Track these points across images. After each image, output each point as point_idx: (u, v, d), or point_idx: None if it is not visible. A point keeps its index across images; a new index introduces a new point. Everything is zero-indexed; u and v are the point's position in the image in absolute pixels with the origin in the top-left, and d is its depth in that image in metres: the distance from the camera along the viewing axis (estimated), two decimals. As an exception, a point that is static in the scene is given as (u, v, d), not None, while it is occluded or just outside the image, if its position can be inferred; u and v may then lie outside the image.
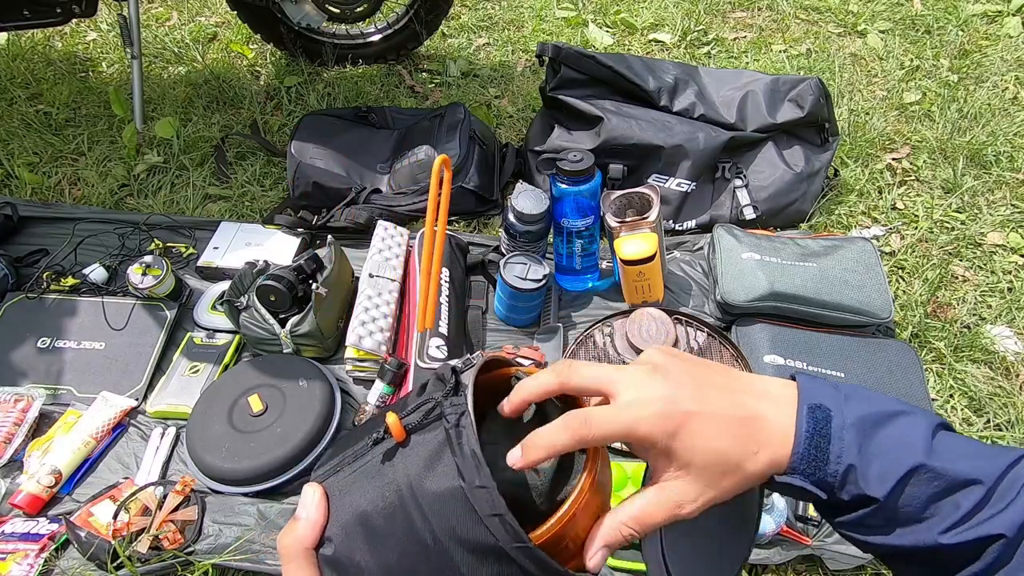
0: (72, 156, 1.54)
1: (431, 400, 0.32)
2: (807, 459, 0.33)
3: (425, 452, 0.31)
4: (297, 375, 1.05)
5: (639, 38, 1.99)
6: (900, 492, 0.32)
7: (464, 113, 1.45)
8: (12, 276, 1.21)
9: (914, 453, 0.33)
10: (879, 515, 0.33)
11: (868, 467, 0.33)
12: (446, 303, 1.15)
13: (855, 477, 0.33)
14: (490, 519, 0.29)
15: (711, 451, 0.33)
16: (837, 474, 0.33)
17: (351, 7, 1.65)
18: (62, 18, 1.48)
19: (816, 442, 0.33)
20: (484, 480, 0.29)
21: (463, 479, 0.30)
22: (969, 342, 1.21)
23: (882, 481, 0.32)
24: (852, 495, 0.33)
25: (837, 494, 0.33)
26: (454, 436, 0.30)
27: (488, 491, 0.29)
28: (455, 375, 0.33)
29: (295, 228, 1.32)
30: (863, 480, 0.32)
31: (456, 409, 0.31)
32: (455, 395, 0.32)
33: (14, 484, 0.97)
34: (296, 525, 0.33)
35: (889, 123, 1.68)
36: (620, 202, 1.14)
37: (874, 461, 0.33)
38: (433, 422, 0.32)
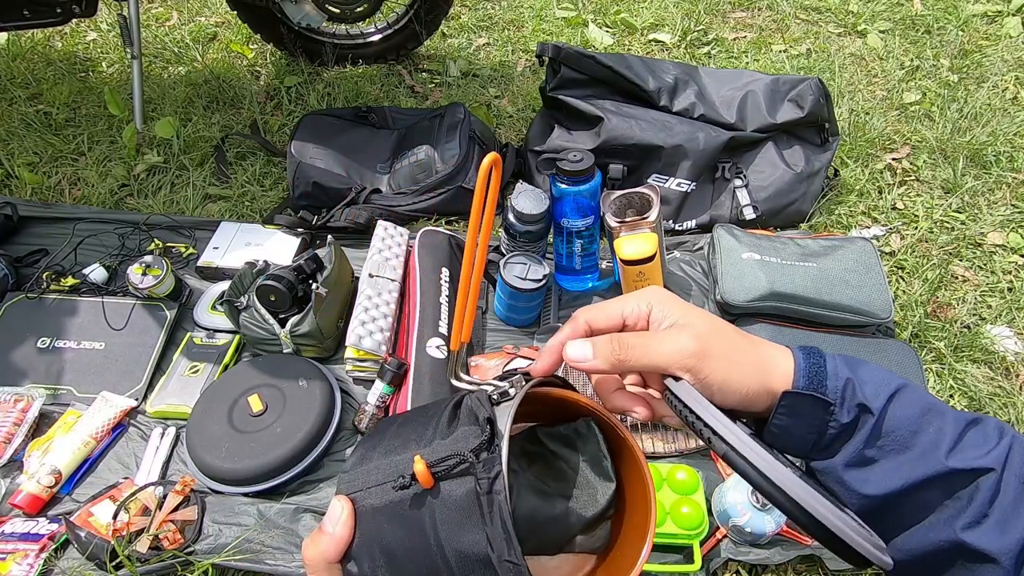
0: (72, 156, 1.54)
1: (462, 456, 0.31)
2: (809, 375, 0.36)
3: (455, 507, 0.30)
4: (297, 375, 1.05)
5: (639, 38, 1.99)
6: (890, 408, 0.35)
7: (464, 113, 1.45)
8: (12, 276, 1.21)
9: (896, 378, 0.37)
10: (874, 440, 0.35)
11: (863, 384, 0.36)
12: (446, 303, 1.15)
13: (853, 390, 0.35)
14: None
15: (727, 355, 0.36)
16: (837, 389, 0.35)
17: (351, 7, 1.65)
18: (62, 18, 1.48)
19: (814, 360, 0.36)
20: (514, 557, 0.29)
21: (492, 548, 0.29)
22: (969, 342, 1.21)
23: (876, 396, 0.35)
24: (852, 410, 0.35)
25: (838, 415, 0.35)
26: (485, 504, 0.29)
27: (517, 567, 0.29)
28: (490, 424, 0.31)
29: (295, 228, 1.32)
30: (860, 391, 0.35)
31: (488, 471, 0.30)
32: (489, 450, 0.31)
33: (14, 484, 0.97)
34: (323, 538, 0.32)
35: (889, 123, 1.68)
36: (620, 202, 1.14)
37: (866, 382, 0.36)
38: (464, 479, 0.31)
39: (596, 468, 0.38)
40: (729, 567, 0.94)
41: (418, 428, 0.35)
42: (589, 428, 0.38)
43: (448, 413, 0.34)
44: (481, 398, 0.33)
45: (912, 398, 0.36)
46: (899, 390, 0.36)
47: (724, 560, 0.93)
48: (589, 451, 0.38)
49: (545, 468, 0.38)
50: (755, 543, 0.94)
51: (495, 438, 0.31)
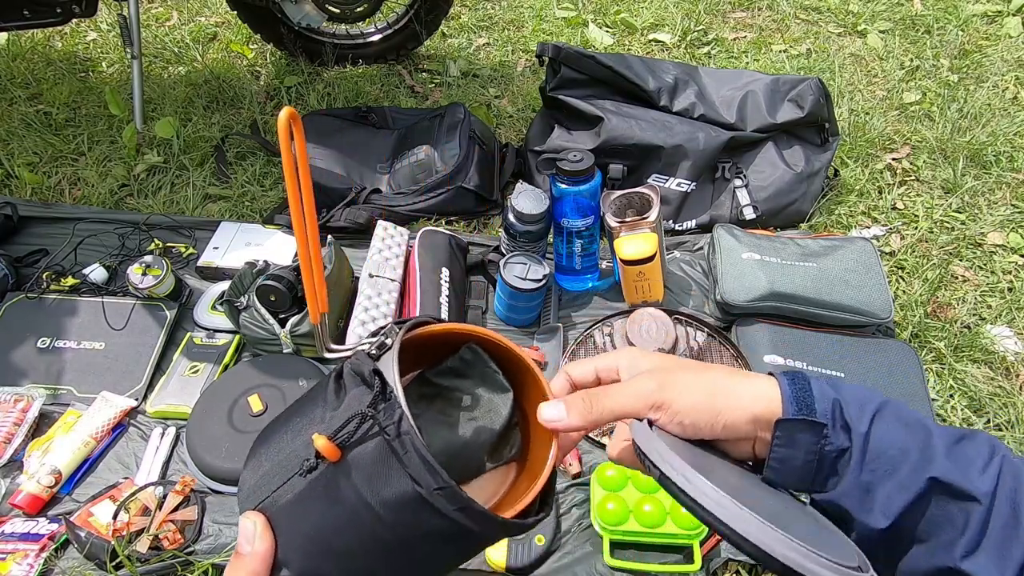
0: (72, 156, 1.54)
1: (361, 414, 0.31)
2: (796, 400, 0.36)
3: (370, 464, 0.31)
4: (297, 375, 1.05)
5: (639, 38, 1.99)
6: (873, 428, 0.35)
7: (464, 113, 1.45)
8: (12, 276, 1.21)
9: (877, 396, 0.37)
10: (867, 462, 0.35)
11: (848, 405, 0.36)
12: (446, 303, 1.15)
13: (841, 412, 0.36)
14: (456, 513, 0.30)
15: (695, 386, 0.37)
16: (827, 411, 0.36)
17: (351, 7, 1.65)
18: (62, 18, 1.48)
19: (799, 385, 0.37)
20: (442, 482, 0.29)
21: (419, 486, 0.30)
22: (969, 342, 1.21)
23: (860, 418, 0.35)
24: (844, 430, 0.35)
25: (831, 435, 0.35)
26: (399, 448, 0.30)
27: (449, 490, 0.30)
28: (377, 376, 0.32)
29: (295, 228, 1.32)
30: (847, 414, 0.36)
31: (391, 417, 0.30)
32: (384, 399, 0.31)
33: (14, 484, 0.97)
34: (244, 560, 0.31)
35: (889, 123, 1.68)
36: (620, 202, 1.14)
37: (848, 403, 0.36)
38: (370, 435, 0.31)
39: (490, 385, 0.39)
40: (729, 567, 0.94)
41: (305, 414, 0.35)
42: (474, 352, 0.40)
43: (332, 387, 0.34)
44: (360, 358, 0.33)
45: (895, 414, 0.36)
46: (880, 408, 0.36)
47: (724, 560, 0.93)
48: (478, 372, 0.40)
49: (445, 404, 0.39)
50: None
51: (386, 386, 0.31)
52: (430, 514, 0.30)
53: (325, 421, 0.32)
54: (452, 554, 0.33)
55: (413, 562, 0.32)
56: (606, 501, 0.93)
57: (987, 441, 0.35)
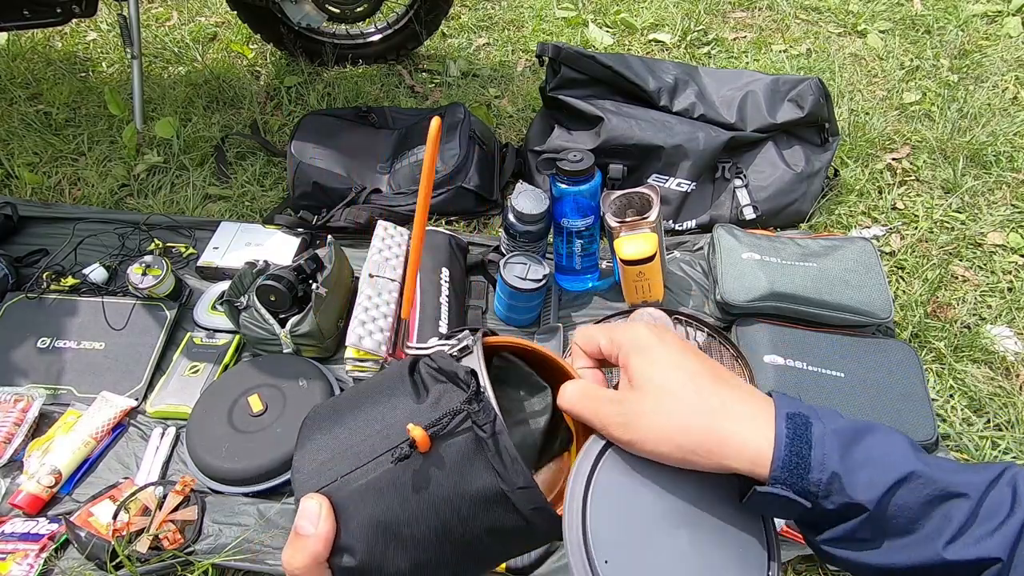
0: (72, 156, 1.54)
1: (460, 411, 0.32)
2: (788, 467, 0.31)
3: (458, 459, 0.32)
4: (297, 375, 1.05)
5: (639, 38, 1.99)
6: (890, 500, 0.31)
7: (464, 113, 1.45)
8: (12, 276, 1.21)
9: (904, 460, 0.31)
10: (868, 526, 0.31)
11: (854, 475, 0.31)
12: (446, 303, 1.15)
13: (840, 485, 0.31)
14: (531, 512, 0.32)
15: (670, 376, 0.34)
16: (821, 482, 0.31)
17: (351, 7, 1.65)
18: (62, 18, 1.48)
19: (797, 448, 0.31)
20: (525, 481, 0.32)
21: (503, 483, 0.32)
22: (969, 342, 1.21)
23: (871, 487, 0.31)
24: (838, 504, 0.31)
25: (821, 504, 0.32)
26: (490, 445, 0.32)
27: (532, 490, 0.32)
28: (473, 377, 0.33)
29: (295, 228, 1.32)
30: (850, 487, 0.31)
31: (487, 416, 0.32)
32: (479, 399, 0.32)
33: (14, 484, 0.97)
34: (306, 542, 0.31)
35: (889, 123, 1.68)
36: (620, 202, 1.14)
37: (860, 469, 0.31)
38: (459, 431, 0.32)
39: (529, 387, 0.41)
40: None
41: (379, 404, 0.35)
42: (504, 360, 0.41)
43: (408, 382, 0.35)
44: (443, 358, 0.35)
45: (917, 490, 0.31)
46: (903, 480, 0.31)
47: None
48: (514, 377, 0.41)
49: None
50: None
51: (480, 387, 0.33)
52: (506, 511, 0.32)
53: (411, 413, 0.34)
54: (511, 551, 0.35)
55: (476, 555, 0.33)
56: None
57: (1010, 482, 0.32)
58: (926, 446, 1.02)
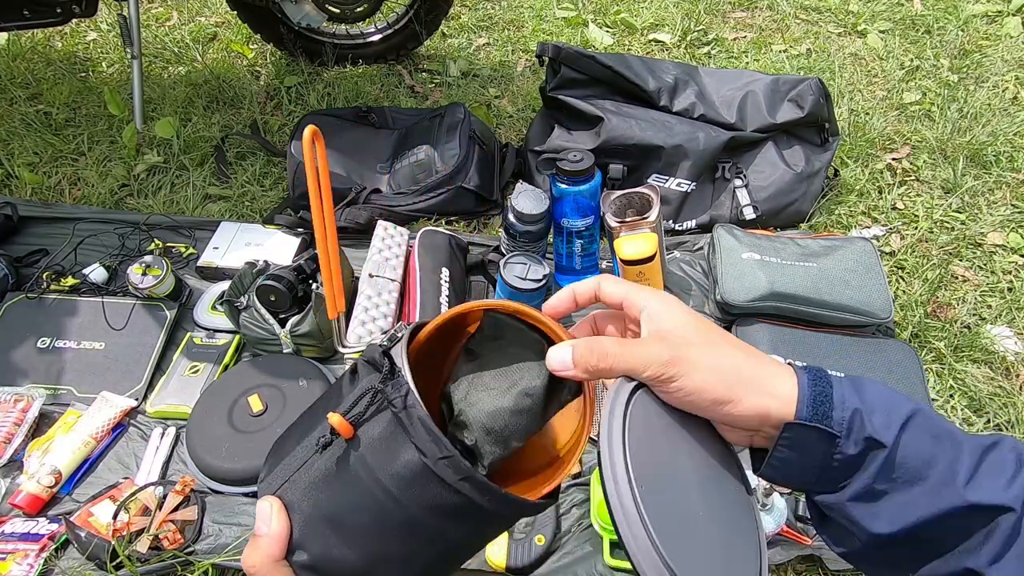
0: (72, 156, 1.54)
1: (371, 390, 0.32)
2: (814, 403, 0.33)
3: (378, 442, 0.32)
4: (297, 375, 1.05)
5: (639, 38, 1.99)
6: (903, 438, 0.33)
7: (464, 113, 1.45)
8: (12, 276, 1.21)
9: (906, 401, 0.34)
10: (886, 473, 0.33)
11: (871, 414, 0.33)
12: (446, 303, 1.15)
13: (861, 422, 0.33)
14: (461, 483, 0.30)
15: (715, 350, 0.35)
16: (844, 420, 0.33)
17: (351, 7, 1.65)
18: (62, 18, 1.48)
19: (820, 388, 0.34)
20: (445, 451, 0.30)
21: (424, 456, 0.30)
22: (969, 342, 1.21)
23: (887, 427, 0.33)
24: (859, 444, 0.33)
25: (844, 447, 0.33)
26: (404, 419, 0.31)
27: (452, 459, 0.30)
28: (387, 357, 0.33)
29: (295, 228, 1.32)
30: (870, 423, 0.33)
31: (399, 391, 0.31)
32: (392, 378, 0.32)
33: (14, 484, 0.97)
34: (260, 541, 0.32)
35: (889, 123, 1.68)
36: (620, 202, 1.14)
37: (875, 410, 0.33)
38: (379, 411, 0.32)
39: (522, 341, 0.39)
40: (729, 567, 0.94)
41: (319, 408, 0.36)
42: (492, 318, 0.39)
43: (346, 379, 0.36)
44: (372, 348, 0.35)
45: (925, 425, 0.33)
46: (911, 417, 0.33)
47: (724, 560, 0.93)
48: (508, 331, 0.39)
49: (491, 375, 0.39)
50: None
51: (395, 366, 0.32)
52: (437, 486, 0.30)
53: (337, 405, 0.34)
54: (464, 534, 0.33)
55: (426, 541, 0.32)
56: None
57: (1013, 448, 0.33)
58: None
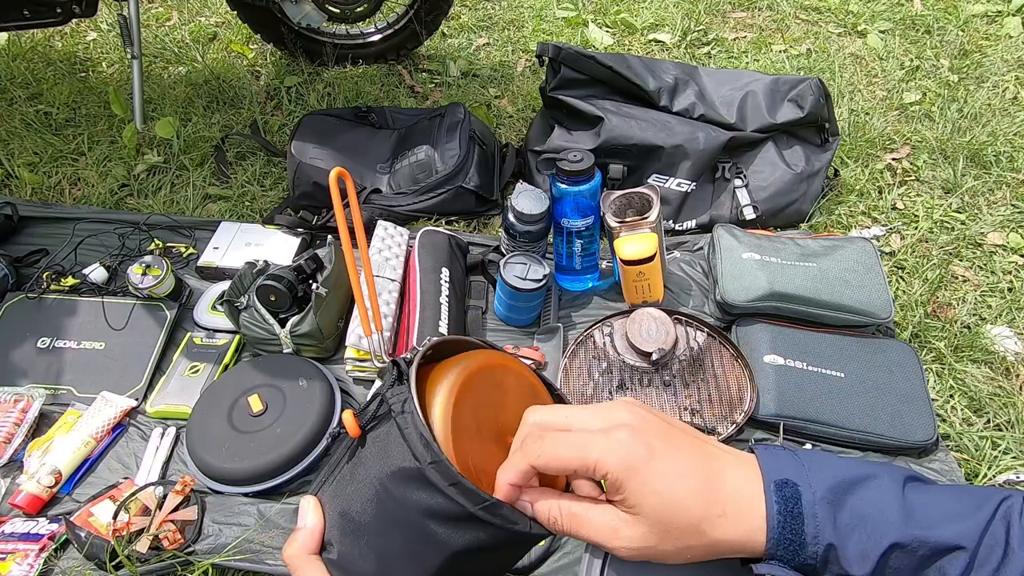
0: (72, 156, 1.54)
1: (378, 394, 0.34)
2: (783, 544, 0.31)
3: (381, 444, 0.33)
4: (297, 375, 1.05)
5: (639, 38, 1.99)
6: (883, 567, 0.31)
7: (464, 113, 1.45)
8: (12, 276, 1.21)
9: (892, 524, 0.32)
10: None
11: (846, 544, 0.31)
12: (446, 303, 1.15)
13: (836, 556, 0.31)
14: (450, 489, 0.30)
15: (667, 498, 0.31)
16: (817, 556, 0.31)
17: (351, 7, 1.65)
18: (62, 18, 1.48)
19: (790, 524, 0.31)
20: (435, 455, 0.30)
21: (417, 460, 0.31)
22: (969, 342, 1.21)
23: (863, 559, 0.31)
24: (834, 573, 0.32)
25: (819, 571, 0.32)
26: (401, 423, 0.32)
27: (440, 464, 0.30)
28: (396, 366, 0.34)
29: (295, 228, 1.32)
30: (844, 560, 0.31)
31: (399, 397, 0.32)
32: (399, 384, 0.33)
33: (14, 484, 0.97)
34: (297, 535, 0.34)
35: (889, 123, 1.68)
36: (620, 202, 1.14)
37: (851, 536, 0.31)
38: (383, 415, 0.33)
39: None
40: (729, 567, 0.94)
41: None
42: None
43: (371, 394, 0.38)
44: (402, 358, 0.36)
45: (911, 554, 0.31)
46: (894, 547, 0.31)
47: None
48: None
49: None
50: None
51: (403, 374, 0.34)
52: (428, 490, 0.31)
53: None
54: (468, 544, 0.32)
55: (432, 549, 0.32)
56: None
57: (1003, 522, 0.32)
58: (926, 447, 1.02)
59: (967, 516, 0.32)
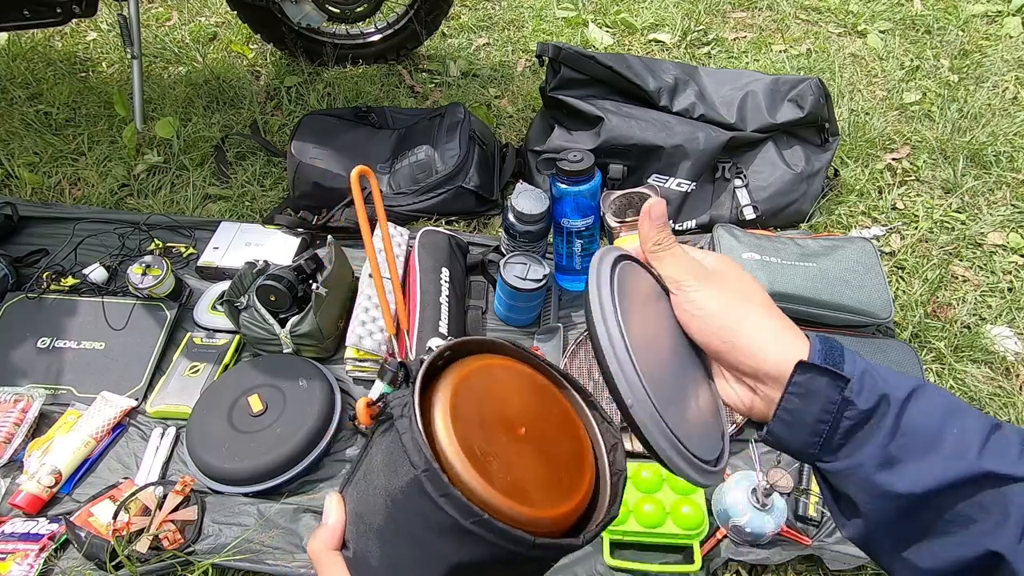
0: (72, 156, 1.54)
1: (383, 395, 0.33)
2: (825, 354, 0.34)
3: (388, 448, 0.32)
4: (297, 375, 1.05)
5: (639, 38, 1.99)
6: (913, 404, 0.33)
7: (464, 113, 1.45)
8: (12, 276, 1.21)
9: (913, 377, 0.35)
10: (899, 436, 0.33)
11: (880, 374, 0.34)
12: (446, 303, 1.15)
13: (872, 379, 0.34)
14: (441, 499, 0.29)
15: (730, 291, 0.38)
16: (854, 373, 0.34)
17: (351, 7, 1.65)
18: (62, 18, 1.48)
19: (831, 344, 0.35)
20: (426, 464, 0.29)
21: (414, 467, 0.30)
22: (969, 342, 1.21)
23: (898, 387, 0.34)
24: (871, 399, 0.33)
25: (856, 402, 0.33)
26: (399, 427, 0.31)
27: (431, 472, 0.29)
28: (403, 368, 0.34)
29: (295, 228, 1.32)
30: (883, 381, 0.34)
31: (401, 401, 0.32)
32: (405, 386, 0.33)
33: (14, 484, 0.97)
34: (320, 531, 0.35)
35: (889, 123, 1.68)
36: (620, 202, 1.14)
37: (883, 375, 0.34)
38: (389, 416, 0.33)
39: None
40: (729, 567, 0.94)
41: None
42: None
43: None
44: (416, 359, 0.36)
45: (933, 396, 0.34)
46: (919, 387, 0.34)
47: (724, 560, 0.93)
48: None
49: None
50: (755, 543, 0.94)
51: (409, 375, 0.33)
52: (425, 499, 0.29)
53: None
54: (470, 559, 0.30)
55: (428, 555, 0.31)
56: (606, 501, 0.93)
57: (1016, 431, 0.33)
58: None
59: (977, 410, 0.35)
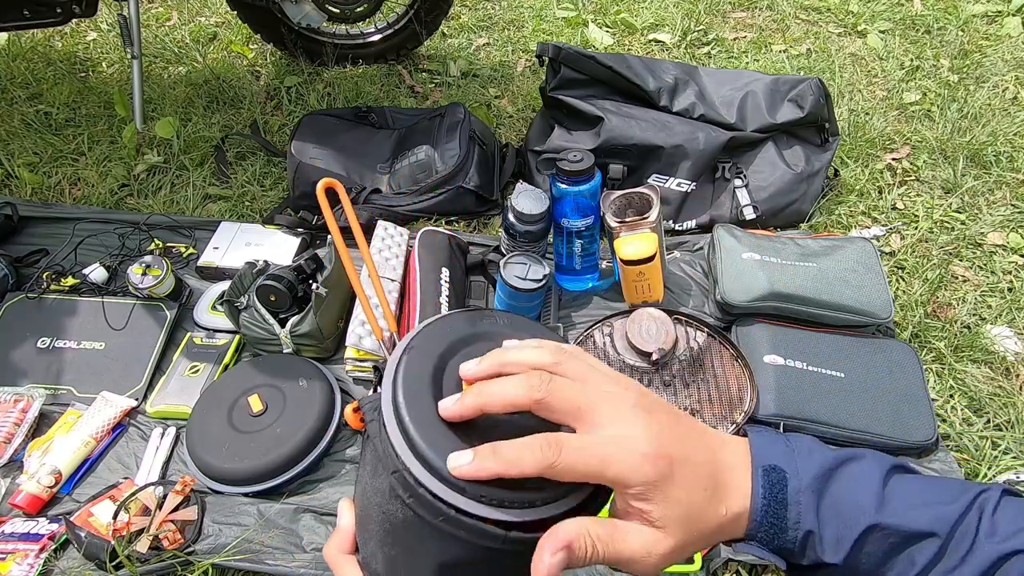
0: (72, 156, 1.54)
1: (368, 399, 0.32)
2: (765, 527, 0.32)
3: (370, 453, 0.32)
4: (297, 375, 1.05)
5: (639, 38, 1.99)
6: (857, 554, 0.32)
7: (464, 113, 1.45)
8: (12, 276, 1.21)
9: (866, 510, 0.32)
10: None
11: (824, 531, 0.32)
12: (446, 303, 1.15)
13: (813, 542, 0.32)
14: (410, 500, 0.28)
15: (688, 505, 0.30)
16: (796, 540, 0.32)
17: (351, 7, 1.65)
18: (62, 18, 1.48)
19: (773, 509, 0.32)
20: (393, 465, 0.29)
21: (386, 470, 0.29)
22: (969, 342, 1.21)
23: (838, 545, 0.32)
24: (811, 560, 0.33)
25: (797, 560, 0.33)
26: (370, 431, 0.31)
27: (398, 475, 0.28)
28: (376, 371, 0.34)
29: (295, 228, 1.32)
30: (820, 545, 0.32)
31: (373, 405, 0.31)
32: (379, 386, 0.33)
33: (14, 484, 0.97)
34: (333, 535, 0.35)
35: (889, 123, 1.68)
36: (620, 202, 1.14)
37: (829, 524, 0.32)
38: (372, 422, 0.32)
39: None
40: (729, 567, 0.94)
41: None
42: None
43: None
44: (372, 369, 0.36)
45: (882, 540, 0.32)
46: (867, 533, 0.32)
47: (724, 560, 0.93)
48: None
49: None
50: (755, 543, 0.93)
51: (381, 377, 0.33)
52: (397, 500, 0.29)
53: None
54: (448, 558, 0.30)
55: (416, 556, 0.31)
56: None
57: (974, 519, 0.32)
58: (926, 447, 1.02)
59: (943, 504, 0.32)
